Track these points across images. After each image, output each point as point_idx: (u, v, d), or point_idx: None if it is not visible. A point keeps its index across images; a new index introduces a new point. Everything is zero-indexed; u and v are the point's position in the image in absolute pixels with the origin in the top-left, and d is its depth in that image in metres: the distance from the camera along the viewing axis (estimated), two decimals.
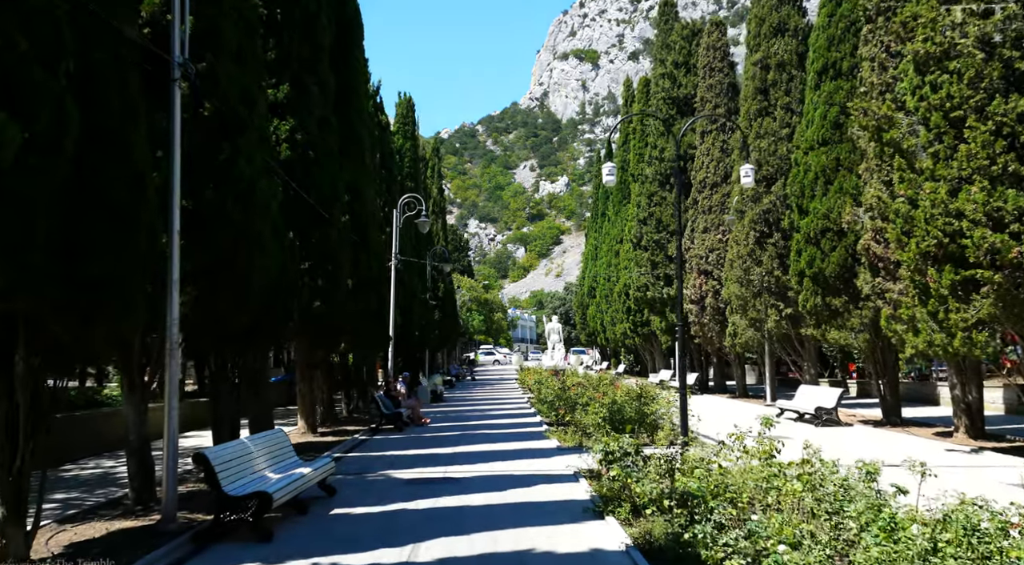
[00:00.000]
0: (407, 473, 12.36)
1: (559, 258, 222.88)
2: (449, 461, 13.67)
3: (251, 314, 10.83)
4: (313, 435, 17.98)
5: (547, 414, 21.31)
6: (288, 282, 12.76)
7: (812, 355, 24.97)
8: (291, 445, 10.57)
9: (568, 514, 8.95)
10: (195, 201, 9.37)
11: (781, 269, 24.09)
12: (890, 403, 19.10)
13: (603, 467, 9.90)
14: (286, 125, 15.50)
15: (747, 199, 25.14)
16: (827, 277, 18.78)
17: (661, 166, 35.46)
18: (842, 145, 18.79)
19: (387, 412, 19.32)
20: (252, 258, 10.31)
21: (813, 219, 19.14)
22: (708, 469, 8.74)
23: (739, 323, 26.15)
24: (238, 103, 10.17)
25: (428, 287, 39.04)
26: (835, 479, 7.60)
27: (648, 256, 35.96)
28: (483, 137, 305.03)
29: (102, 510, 9.49)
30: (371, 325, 20.25)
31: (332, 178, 16.37)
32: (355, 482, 11.62)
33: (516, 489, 10.69)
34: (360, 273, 18.81)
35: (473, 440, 16.77)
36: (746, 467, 8.56)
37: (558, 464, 12.96)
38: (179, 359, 8.58)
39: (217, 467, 7.98)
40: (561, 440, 16.19)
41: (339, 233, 16.43)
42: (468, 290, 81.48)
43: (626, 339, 49.37)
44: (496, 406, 27.46)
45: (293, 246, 14.22)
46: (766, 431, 9.96)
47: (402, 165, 37.29)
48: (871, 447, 14.44)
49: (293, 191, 15.13)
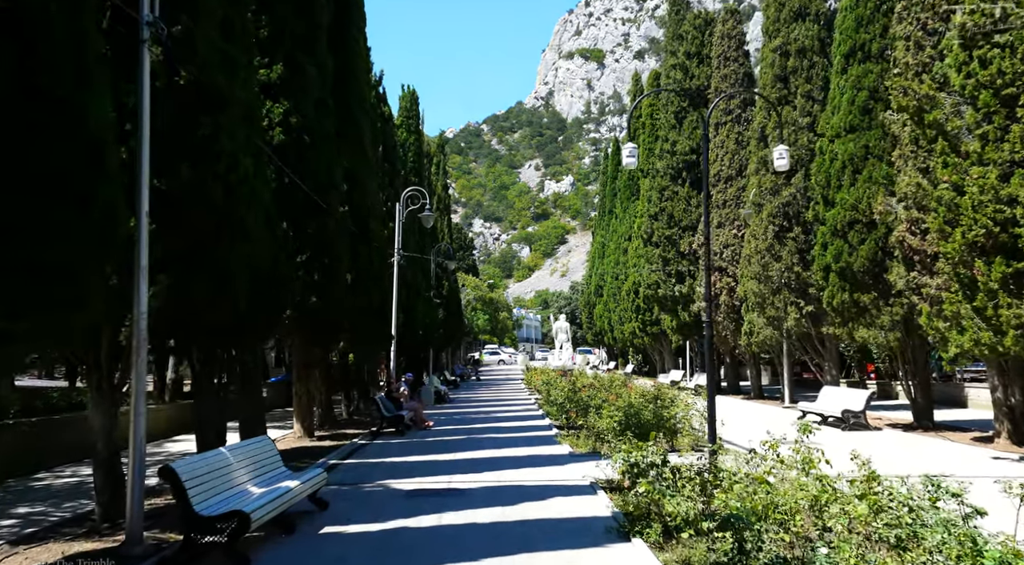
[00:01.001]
0: (408, 483, 11.31)
1: (564, 258, 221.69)
2: (453, 469, 12.61)
3: (236, 308, 9.79)
4: (309, 439, 16.94)
5: (556, 416, 20.26)
6: (280, 274, 11.72)
7: (834, 355, 23.87)
8: (278, 454, 9.53)
9: (589, 535, 7.89)
10: (169, 180, 8.33)
11: (801, 265, 22.99)
12: (921, 406, 17.98)
13: (626, 479, 8.82)
14: (279, 108, 14.46)
15: (765, 192, 24.04)
16: (855, 272, 17.66)
17: (673, 160, 34.33)
18: (871, 132, 17.68)
19: (388, 415, 18.28)
20: (235, 245, 9.27)
21: (840, 210, 18.03)
22: (749, 484, 7.68)
23: (756, 321, 25.04)
24: (219, 73, 9.13)
25: (432, 285, 37.99)
26: (900, 497, 6.54)
27: (659, 252, 34.83)
28: (488, 136, 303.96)
29: (65, 528, 8.46)
30: (371, 322, 19.21)
31: (329, 164, 15.33)
32: (350, 494, 10.57)
33: (528, 503, 9.63)
34: (360, 267, 17.75)
35: (479, 445, 15.72)
36: (794, 483, 7.47)
37: (572, 473, 11.90)
38: (146, 356, 7.54)
39: (187, 483, 6.94)
40: (573, 445, 15.14)
41: (337, 224, 15.38)
42: (473, 289, 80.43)
43: (635, 338, 48.25)
44: (502, 408, 26.40)
45: (286, 236, 13.18)
46: (804, 438, 8.91)
47: (406, 160, 36.28)
48: (908, 454, 13.36)
49: (287, 178, 14.11)
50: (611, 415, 14.30)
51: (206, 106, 8.84)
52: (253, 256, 9.74)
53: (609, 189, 65.49)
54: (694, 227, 33.35)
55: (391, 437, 17.62)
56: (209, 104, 8.88)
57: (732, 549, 6.08)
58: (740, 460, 9.18)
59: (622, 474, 8.77)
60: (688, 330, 35.04)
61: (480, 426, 19.97)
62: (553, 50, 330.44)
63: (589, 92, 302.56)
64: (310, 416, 17.43)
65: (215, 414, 11.57)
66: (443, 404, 28.03)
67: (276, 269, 11.59)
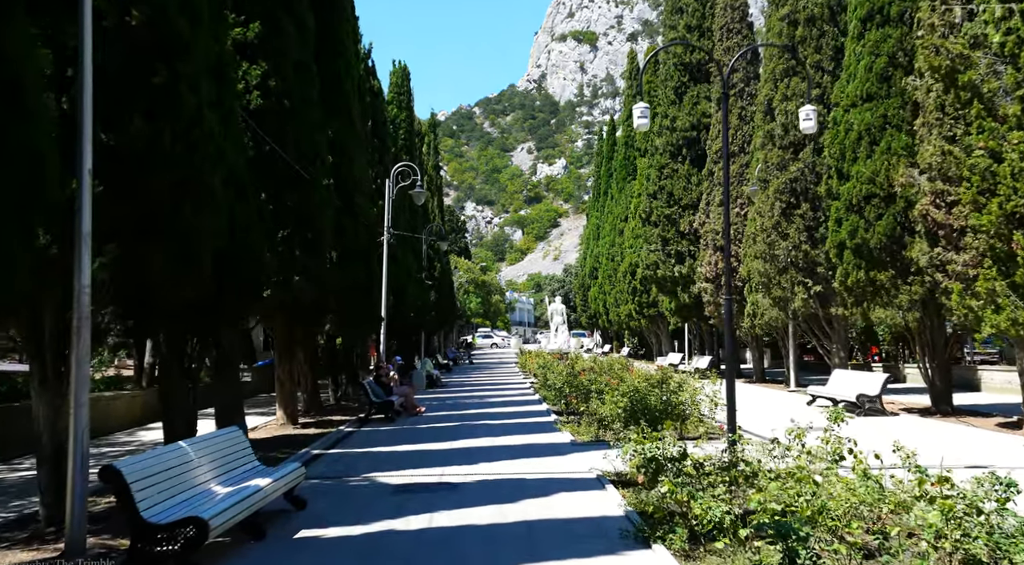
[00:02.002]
0: (396, 476, 10.30)
1: (557, 241, 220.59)
2: (446, 460, 11.62)
3: (202, 284, 8.73)
4: (293, 427, 15.93)
5: (554, 401, 19.32)
6: (254, 247, 10.65)
7: (842, 337, 22.93)
8: (249, 447, 8.48)
9: (602, 539, 6.90)
10: (119, 135, 7.23)
11: (810, 243, 22.01)
12: (939, 389, 17.06)
13: (640, 474, 7.84)
14: (257, 70, 13.33)
15: (772, 167, 23.00)
16: (872, 249, 16.66)
17: (672, 136, 33.22)
18: (890, 100, 16.62)
19: (377, 400, 17.27)
20: (200, 213, 8.19)
21: (856, 184, 17.01)
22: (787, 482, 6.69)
23: (761, 302, 24.07)
24: (179, 15, 8.01)
25: (424, 266, 36.90)
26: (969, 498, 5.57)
27: (658, 232, 33.76)
28: (480, 119, 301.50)
29: (6, 532, 7.41)
30: (359, 303, 18.14)
31: (312, 133, 14.21)
32: (332, 490, 9.56)
33: (529, 500, 8.63)
34: (346, 244, 16.67)
35: (474, 433, 14.73)
36: (842, 481, 6.48)
37: (576, 464, 10.93)
38: (89, 337, 6.47)
39: (136, 485, 5.91)
40: (575, 433, 14.18)
41: (321, 196, 14.26)
42: (465, 271, 79.41)
43: (631, 321, 47.31)
44: (497, 392, 25.43)
45: (263, 207, 12.07)
46: (835, 427, 7.95)
47: (396, 137, 35.10)
48: (933, 442, 12.42)
49: (268, 146, 13.00)
50: (615, 401, 13.31)
51: (163, 52, 7.71)
52: (221, 225, 8.65)
53: (604, 170, 64.36)
54: (695, 206, 32.29)
55: (380, 424, 16.63)
56: (167, 50, 7.76)
57: (782, 563, 5.07)
58: (761, 451, 8.20)
59: (637, 469, 7.78)
60: (688, 312, 34.06)
61: (474, 411, 19.00)
62: (546, 32, 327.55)
63: (582, 75, 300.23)
64: (294, 402, 16.41)
65: (184, 402, 10.53)
66: (435, 388, 27.04)
67: (250, 242, 10.52)
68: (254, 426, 16.06)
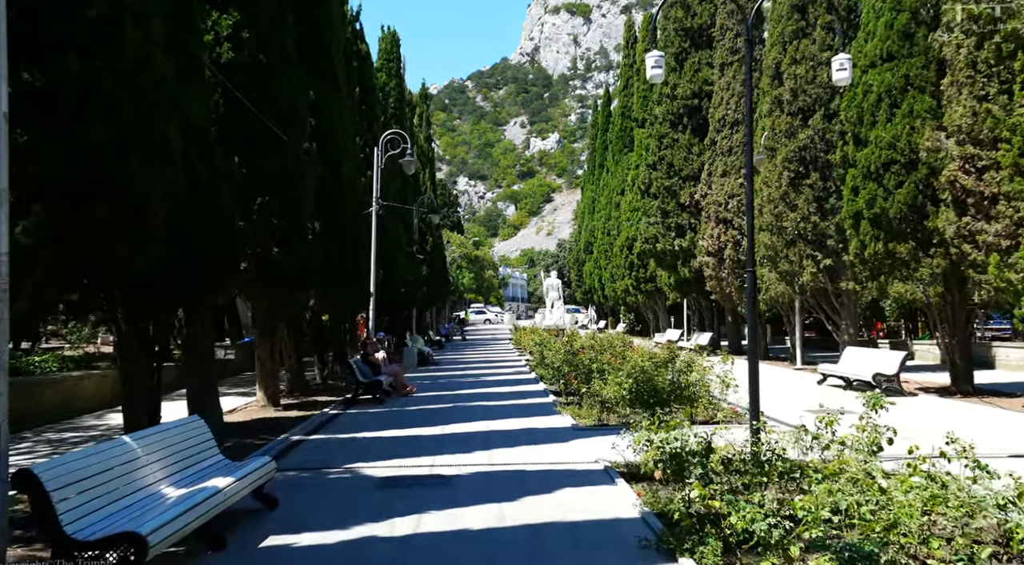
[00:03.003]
0: (382, 467, 9.30)
1: (550, 216, 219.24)
2: (437, 447, 10.63)
3: (155, 253, 7.63)
4: (274, 409, 14.92)
5: (551, 381, 18.36)
6: (223, 212, 9.54)
7: (852, 313, 21.99)
8: (212, 438, 7.42)
9: (619, 549, 5.91)
10: (48, 74, 6.09)
11: (819, 214, 20.97)
12: (960, 368, 16.14)
13: (657, 469, 6.84)
14: (228, 19, 12.10)
15: (779, 134, 21.89)
16: (891, 219, 15.63)
17: (673, 105, 31.98)
18: (913, 59, 15.49)
19: (364, 380, 16.24)
20: (150, 167, 7.07)
21: (875, 149, 15.93)
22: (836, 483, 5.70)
23: (768, 277, 23.09)
24: None
25: (415, 240, 35.75)
26: None
27: (658, 204, 32.63)
28: (473, 93, 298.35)
29: None
30: (345, 277, 17.05)
31: (291, 91, 13.02)
32: (310, 483, 8.54)
33: (530, 498, 7.63)
34: (330, 213, 15.54)
35: (468, 416, 13.74)
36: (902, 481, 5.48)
37: (580, 453, 9.95)
38: (7, 315, 5.38)
39: (57, 494, 4.86)
40: (576, 416, 13.21)
41: (300, 162, 13.11)
42: (458, 246, 78.26)
43: (627, 296, 46.33)
44: (492, 370, 24.45)
45: (233, 169, 10.92)
46: (873, 415, 6.98)
47: (386, 105, 33.80)
48: (965, 427, 11.47)
49: (240, 104, 11.83)
50: (619, 382, 12.33)
51: None
52: (175, 182, 7.53)
53: (600, 142, 63.02)
54: (696, 177, 31.13)
55: (367, 406, 15.63)
56: None
57: None
58: (788, 440, 7.24)
59: (654, 464, 6.78)
60: (687, 287, 33.06)
61: (468, 391, 18.02)
62: (539, 5, 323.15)
63: (575, 48, 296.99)
64: (275, 382, 15.38)
65: (145, 387, 9.49)
66: (427, 366, 26.03)
67: (219, 207, 9.42)
68: (232, 408, 15.05)
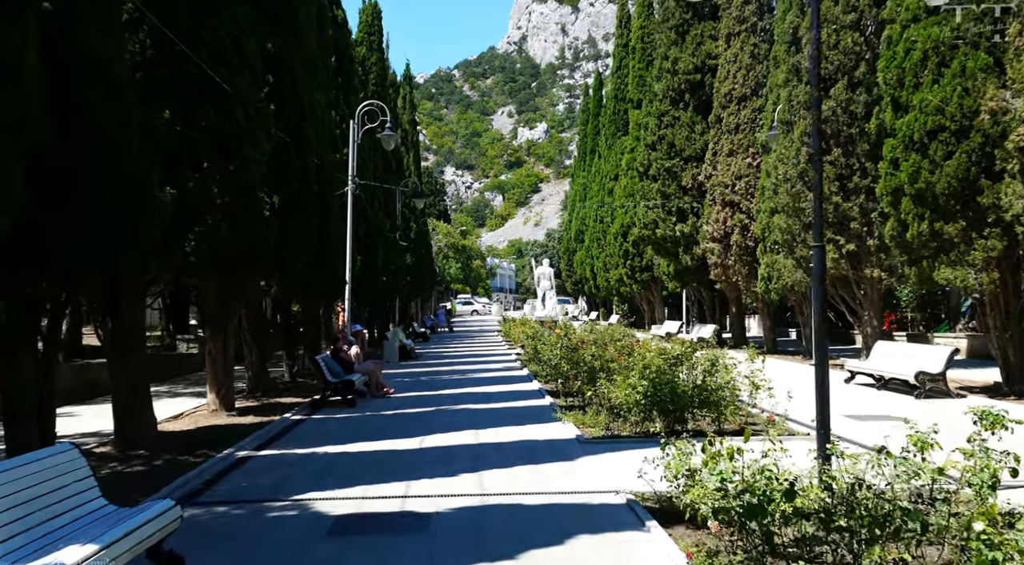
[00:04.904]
0: (341, 499, 7.17)
1: (538, 206, 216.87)
2: (415, 468, 8.53)
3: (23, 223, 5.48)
4: (227, 414, 12.75)
5: (546, 379, 16.33)
6: (131, 173, 7.36)
7: (875, 303, 20.00)
8: (90, 475, 5.28)
9: None
10: None
11: (841, 194, 18.92)
12: (1014, 366, 14.18)
13: (714, 520, 4.80)
14: None
15: (798, 106, 19.81)
16: (938, 195, 13.61)
17: (674, 80, 29.82)
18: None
19: (334, 380, 14.12)
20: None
21: (919, 116, 13.88)
22: None
23: (783, 263, 21.06)
24: None
25: (399, 226, 33.54)
26: None
27: (658, 187, 30.48)
28: (460, 82, 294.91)
29: None
30: (312, 262, 14.88)
31: (237, 32, 10.80)
32: (240, 528, 6.39)
33: (535, 553, 5.55)
34: (290, 186, 13.34)
35: (452, 424, 11.62)
36: None
37: (591, 475, 7.88)
38: None
39: None
40: (579, 424, 11.15)
41: (249, 118, 10.89)
42: (445, 235, 75.97)
43: (621, 286, 44.26)
44: (480, 366, 22.33)
45: (151, 120, 8.72)
46: (984, 434, 4.98)
47: (366, 81, 31.59)
48: None
49: (169, 44, 9.61)
50: (632, 384, 10.27)
51: None
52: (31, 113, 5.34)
53: (591, 127, 60.90)
54: (699, 157, 29.02)
55: (336, 410, 13.51)
56: None
57: None
58: (860, 464, 5.17)
59: (712, 514, 4.73)
60: (689, 276, 30.98)
61: (454, 392, 15.91)
62: None
63: (563, 37, 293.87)
64: (228, 382, 13.19)
65: (33, 394, 7.34)
66: (409, 362, 23.88)
67: (123, 163, 7.24)
68: (178, 413, 12.90)
